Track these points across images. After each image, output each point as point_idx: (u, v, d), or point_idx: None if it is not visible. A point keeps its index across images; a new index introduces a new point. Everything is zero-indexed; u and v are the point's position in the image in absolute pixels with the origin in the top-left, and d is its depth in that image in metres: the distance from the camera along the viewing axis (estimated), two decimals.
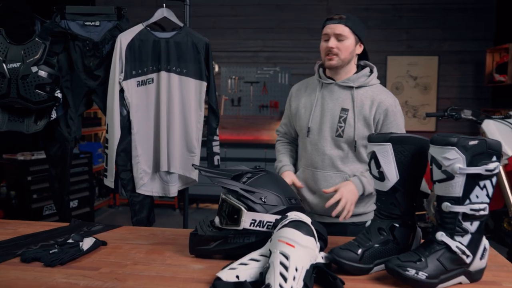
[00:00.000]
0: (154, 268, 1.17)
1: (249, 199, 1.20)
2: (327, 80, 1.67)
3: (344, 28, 1.58)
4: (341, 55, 1.60)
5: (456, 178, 1.04)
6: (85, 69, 1.91)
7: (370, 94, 1.63)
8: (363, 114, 1.61)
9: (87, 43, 1.87)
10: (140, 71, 1.90)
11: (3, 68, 1.71)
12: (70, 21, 1.89)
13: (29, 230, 1.50)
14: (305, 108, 1.70)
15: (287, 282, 0.94)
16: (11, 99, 1.75)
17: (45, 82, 1.75)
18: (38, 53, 1.74)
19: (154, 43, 1.90)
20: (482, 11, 4.83)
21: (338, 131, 1.62)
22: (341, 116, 1.62)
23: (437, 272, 1.03)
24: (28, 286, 1.05)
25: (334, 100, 1.65)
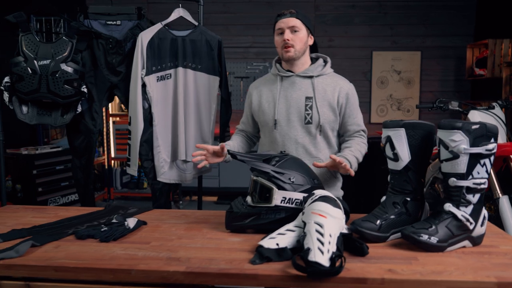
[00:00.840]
0: (198, 241, 1.32)
1: (279, 179, 1.36)
2: (286, 73, 1.79)
3: (296, 20, 1.74)
4: (296, 46, 1.73)
5: (461, 157, 1.22)
6: (108, 65, 2.02)
7: (329, 81, 1.78)
8: (327, 99, 1.75)
9: (110, 41, 1.98)
10: (159, 67, 2.03)
11: (35, 65, 1.81)
12: (92, 20, 2.00)
13: (68, 214, 1.63)
14: (268, 102, 1.80)
15: (324, 245, 1.11)
16: (41, 94, 1.85)
17: (72, 78, 1.87)
18: (66, 50, 1.85)
19: (172, 41, 2.04)
20: (462, 8, 5.10)
21: (307, 119, 1.75)
22: (306, 104, 1.75)
23: (445, 237, 1.22)
24: (92, 257, 1.19)
25: (297, 90, 1.77)
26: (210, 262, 1.15)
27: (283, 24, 1.75)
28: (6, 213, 1.65)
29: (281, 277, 1.08)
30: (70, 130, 2.08)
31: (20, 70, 1.81)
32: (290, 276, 1.07)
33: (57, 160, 3.55)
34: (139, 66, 1.96)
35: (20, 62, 1.81)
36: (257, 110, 1.85)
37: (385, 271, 1.09)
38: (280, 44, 1.76)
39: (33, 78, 1.82)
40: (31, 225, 1.48)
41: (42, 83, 1.83)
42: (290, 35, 1.73)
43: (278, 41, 1.78)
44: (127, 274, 1.12)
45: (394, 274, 1.08)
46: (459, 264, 1.14)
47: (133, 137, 2.02)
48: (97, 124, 2.06)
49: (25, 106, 1.89)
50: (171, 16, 2.07)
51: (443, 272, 1.09)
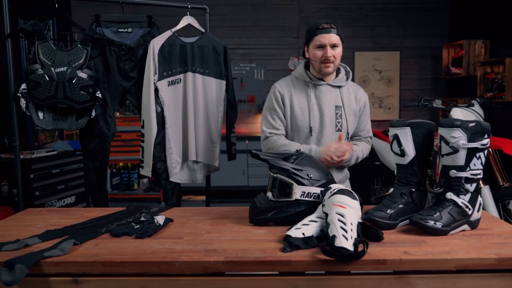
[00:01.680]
0: (227, 234, 1.44)
1: (298, 176, 1.50)
2: (318, 81, 1.89)
3: (336, 37, 1.81)
4: (336, 62, 1.85)
5: (460, 152, 1.39)
6: (120, 71, 2.10)
7: (351, 91, 1.94)
8: (352, 108, 1.91)
9: (123, 48, 2.07)
10: (170, 72, 2.12)
11: (52, 72, 1.88)
12: (104, 28, 2.08)
13: (92, 214, 1.71)
14: (301, 108, 1.87)
15: (347, 233, 1.25)
16: (58, 100, 1.92)
17: (88, 84, 1.94)
18: (82, 58, 1.93)
19: (181, 47, 2.14)
20: (438, 10, 5.37)
21: (337, 126, 1.89)
22: (337, 112, 1.89)
23: (448, 222, 1.39)
24: (134, 252, 1.29)
25: (329, 99, 1.89)
26: (245, 252, 1.27)
27: (326, 40, 1.79)
28: (32, 216, 1.72)
29: (312, 261, 1.21)
30: (83, 134, 2.15)
31: (37, 77, 1.87)
32: (320, 260, 1.21)
33: (53, 164, 3.57)
34: (151, 72, 2.05)
35: (37, 69, 1.87)
36: (288, 115, 1.90)
37: (401, 253, 1.24)
38: (320, 59, 1.82)
39: (50, 85, 1.88)
40: (61, 226, 1.56)
41: (59, 90, 1.89)
42: (331, 51, 1.80)
43: (317, 55, 1.82)
44: (171, 266, 1.22)
45: (409, 255, 1.23)
46: (462, 245, 1.30)
47: (146, 139, 2.11)
48: (111, 128, 2.13)
49: (41, 112, 1.95)
50: (180, 24, 2.17)
51: (451, 252, 1.25)
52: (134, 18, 2.12)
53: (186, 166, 2.25)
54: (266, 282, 1.24)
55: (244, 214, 1.68)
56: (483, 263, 1.21)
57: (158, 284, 1.24)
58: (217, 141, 2.28)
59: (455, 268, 1.21)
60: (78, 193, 3.88)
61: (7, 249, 1.32)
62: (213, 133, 2.26)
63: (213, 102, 2.23)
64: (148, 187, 5.36)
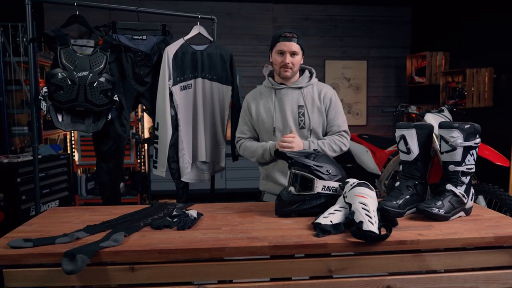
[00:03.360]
0: (260, 224, 1.60)
1: (319, 171, 1.68)
2: (279, 86, 2.09)
3: (296, 46, 2.02)
4: (294, 68, 2.04)
5: (458, 149, 1.64)
6: (135, 76, 2.20)
7: (315, 89, 2.10)
8: (316, 105, 2.08)
9: (139, 54, 2.16)
10: (182, 78, 2.25)
11: (74, 76, 1.94)
12: (120, 35, 2.17)
13: (120, 211, 1.80)
14: (266, 112, 2.07)
15: (372, 218, 1.45)
16: (79, 103, 1.98)
17: (107, 88, 2.02)
18: (102, 63, 2.01)
19: (192, 54, 2.27)
20: (400, 23, 5.81)
21: (301, 124, 2.07)
22: (299, 111, 2.07)
23: (449, 209, 1.63)
24: (183, 241, 1.41)
25: (290, 100, 2.08)
26: (283, 238, 1.43)
27: (286, 48, 2.00)
28: (61, 214, 1.78)
29: (344, 243, 1.40)
30: (98, 136, 2.21)
31: (59, 81, 1.93)
32: (351, 242, 1.40)
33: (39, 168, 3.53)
34: (167, 77, 2.16)
35: (59, 73, 1.93)
36: (256, 120, 2.10)
37: (416, 234, 1.46)
38: (279, 64, 2.03)
39: (72, 88, 1.95)
40: (96, 221, 1.64)
41: (80, 93, 1.96)
42: (290, 58, 2.01)
43: (277, 60, 2.03)
44: (221, 251, 1.37)
45: (423, 236, 1.45)
46: (463, 228, 1.54)
47: (161, 141, 2.20)
48: (126, 130, 2.21)
49: (59, 115, 2.00)
50: (191, 32, 2.31)
51: (456, 233, 1.48)
52: (149, 26, 2.22)
53: (195, 166, 2.37)
54: (304, 263, 1.41)
55: (264, 207, 1.85)
56: (483, 241, 1.45)
57: (207, 268, 1.38)
58: (223, 142, 2.42)
59: (461, 245, 1.44)
60: (61, 197, 3.84)
61: (60, 242, 1.40)
62: (219, 135, 2.40)
63: (220, 106, 2.37)
64: (125, 191, 5.35)
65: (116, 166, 2.26)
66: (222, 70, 2.36)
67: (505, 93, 3.95)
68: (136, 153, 5.28)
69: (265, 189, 2.20)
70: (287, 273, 1.40)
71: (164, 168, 2.25)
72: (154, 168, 2.28)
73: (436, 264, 1.45)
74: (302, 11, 5.71)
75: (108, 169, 2.26)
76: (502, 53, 3.96)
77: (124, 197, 5.25)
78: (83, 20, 2.07)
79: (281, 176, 2.10)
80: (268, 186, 2.17)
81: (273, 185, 2.14)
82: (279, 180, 2.11)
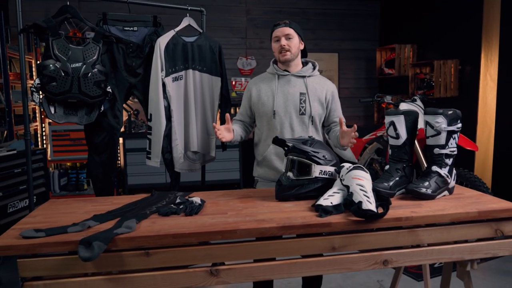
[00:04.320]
0: (263, 208, 1.67)
1: (316, 157, 1.78)
2: (283, 72, 2.16)
3: (289, 29, 2.11)
4: (291, 49, 2.11)
5: (442, 134, 1.78)
6: (127, 67, 2.20)
7: (318, 81, 2.20)
8: (317, 95, 2.16)
9: (131, 45, 2.17)
10: (173, 69, 2.27)
11: (68, 67, 1.93)
12: (110, 26, 2.16)
13: (122, 201, 1.82)
14: (267, 96, 2.14)
15: (369, 198, 1.56)
16: (72, 94, 1.97)
17: (100, 79, 2.02)
18: (95, 54, 2.00)
19: (183, 46, 2.30)
20: (369, 16, 6.01)
21: (301, 110, 2.14)
22: (301, 98, 2.14)
23: (436, 188, 1.77)
24: (195, 225, 1.46)
25: (293, 87, 2.15)
26: (289, 220, 1.52)
27: (279, 33, 2.10)
28: (62, 205, 1.78)
29: (347, 222, 1.50)
30: (90, 128, 2.20)
31: (52, 72, 1.91)
32: (353, 220, 1.50)
33: (14, 163, 3.44)
34: (159, 68, 2.18)
35: (51, 64, 1.91)
36: (256, 103, 2.16)
37: (409, 212, 1.58)
38: (278, 50, 2.12)
39: (65, 80, 1.93)
40: (101, 211, 1.66)
41: (73, 84, 1.95)
42: (285, 41, 2.09)
43: (275, 47, 2.13)
44: (233, 233, 1.43)
45: (415, 213, 1.57)
46: (449, 205, 1.68)
47: (155, 132, 2.22)
48: (120, 121, 2.21)
49: (52, 107, 1.98)
50: (181, 24, 2.33)
51: (444, 209, 1.62)
52: (140, 18, 2.22)
53: (186, 156, 2.41)
54: (310, 242, 1.50)
55: (262, 193, 1.93)
56: (468, 216, 1.59)
57: (220, 251, 1.44)
58: (213, 133, 2.47)
59: (450, 220, 1.58)
60: (38, 194, 3.76)
61: (72, 230, 1.42)
62: (209, 126, 2.45)
63: (210, 97, 2.42)
64: None
65: (110, 158, 2.26)
66: (211, 62, 2.40)
67: (469, 83, 4.21)
68: None
69: (259, 175, 2.24)
70: (294, 252, 1.49)
71: (158, 158, 2.28)
72: (148, 159, 2.30)
73: (428, 238, 1.59)
74: (275, 3, 5.79)
75: (101, 161, 2.25)
76: (466, 45, 4.21)
77: None
78: (74, 10, 2.05)
79: (277, 160, 2.15)
80: (262, 171, 2.22)
81: (267, 170, 2.19)
82: (275, 164, 2.16)
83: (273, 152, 2.17)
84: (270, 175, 2.19)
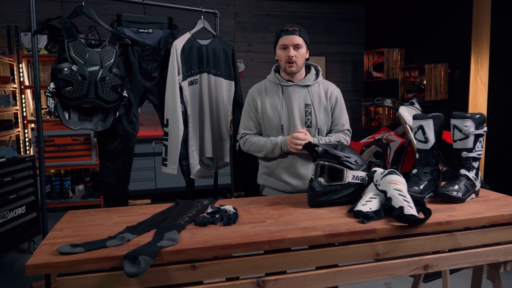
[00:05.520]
0: (299, 216, 1.63)
1: (348, 162, 1.76)
2: (287, 83, 2.04)
3: (299, 38, 1.99)
4: (298, 62, 2.01)
5: (470, 137, 1.80)
6: (142, 71, 2.11)
7: (321, 88, 2.09)
8: (322, 104, 2.08)
9: (147, 48, 2.08)
10: (189, 73, 2.20)
11: (85, 71, 1.82)
12: (125, 27, 2.07)
13: (148, 211, 1.74)
14: (272, 109, 2.04)
15: (410, 203, 1.55)
16: (89, 99, 1.87)
17: (117, 84, 1.93)
18: (112, 57, 1.91)
19: (198, 49, 2.23)
20: (355, 20, 6.09)
21: (307, 123, 2.06)
22: (306, 110, 2.05)
23: (465, 191, 1.78)
24: (239, 236, 1.41)
25: (297, 98, 2.05)
26: (333, 227, 1.49)
27: (288, 41, 1.97)
28: (87, 217, 1.68)
29: (390, 228, 1.49)
30: (103, 134, 2.09)
31: (68, 76, 1.80)
32: (396, 226, 1.49)
33: (4, 172, 3.25)
34: (176, 72, 2.10)
35: (67, 68, 1.80)
36: (261, 116, 2.06)
37: (447, 216, 1.59)
38: (284, 59, 2.00)
39: (82, 84, 1.83)
40: (129, 223, 1.58)
41: (90, 89, 1.85)
42: (293, 52, 1.97)
43: (281, 56, 2.00)
44: (280, 242, 1.39)
45: (453, 217, 1.58)
46: (481, 208, 1.70)
47: (172, 138, 2.14)
48: (136, 127, 2.12)
49: (66, 112, 1.87)
50: (196, 26, 2.26)
51: (478, 213, 1.63)
52: (155, 20, 2.14)
53: (201, 162, 2.35)
54: (355, 249, 1.48)
55: (290, 200, 1.89)
56: (504, 218, 1.62)
57: (268, 261, 1.40)
58: (227, 138, 2.41)
59: (487, 223, 1.60)
60: (28, 203, 3.57)
61: (112, 244, 1.34)
62: (224, 131, 2.39)
63: (224, 102, 2.36)
64: (86, 193, 5.09)
65: (125, 165, 2.17)
66: (225, 65, 2.35)
67: (458, 87, 4.33)
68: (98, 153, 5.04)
69: (266, 184, 2.16)
70: (340, 260, 1.47)
71: (175, 165, 2.20)
72: (164, 166, 2.21)
73: (466, 242, 1.59)
74: (263, 7, 5.78)
75: (115, 168, 2.15)
76: (455, 49, 4.33)
77: (86, 200, 5.00)
78: (90, 11, 1.95)
79: (285, 174, 2.08)
80: (270, 181, 2.14)
81: (275, 180, 2.12)
82: (282, 177, 2.09)
83: (281, 166, 2.09)
84: (278, 186, 2.10)
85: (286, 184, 2.09)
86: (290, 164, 2.07)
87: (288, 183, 2.08)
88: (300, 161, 2.06)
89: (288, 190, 2.08)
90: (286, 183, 2.08)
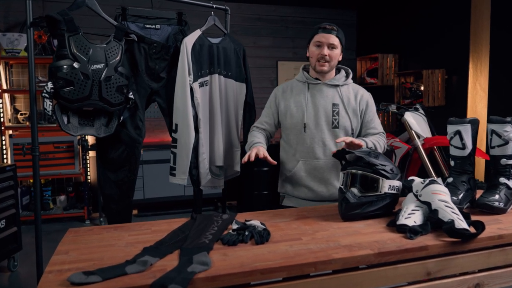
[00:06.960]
0: (336, 231, 1.46)
1: (384, 170, 1.61)
2: (314, 81, 1.98)
3: (335, 38, 1.94)
4: (331, 62, 1.96)
5: (510, 143, 1.68)
6: (149, 71, 1.91)
7: (351, 90, 2.02)
8: (351, 106, 1.99)
9: (155, 46, 1.88)
10: (200, 73, 2.01)
11: (88, 69, 1.61)
12: (130, 22, 1.86)
13: (160, 228, 1.54)
14: (297, 107, 1.96)
15: (459, 216, 1.41)
16: (92, 101, 1.65)
17: (123, 84, 1.72)
18: (118, 54, 1.70)
19: (209, 48, 2.05)
20: (346, 26, 6.01)
21: (334, 123, 1.97)
22: (333, 110, 1.96)
23: (506, 201, 1.66)
24: (278, 257, 1.23)
25: (325, 97, 1.97)
26: (380, 244, 1.32)
27: (324, 39, 1.90)
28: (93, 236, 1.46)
29: (443, 244, 1.34)
30: (105, 140, 1.87)
31: (70, 74, 1.58)
32: (448, 242, 1.35)
33: None
34: (186, 72, 1.91)
35: (68, 65, 1.58)
36: (284, 113, 1.97)
37: (496, 229, 1.45)
38: (316, 57, 1.92)
39: (84, 84, 1.61)
40: (145, 242, 1.38)
41: (93, 90, 1.63)
42: (327, 51, 1.90)
43: (314, 53, 1.93)
44: (327, 264, 1.22)
45: (503, 230, 1.45)
46: None
47: (182, 144, 1.94)
48: (142, 133, 1.90)
49: (65, 116, 1.64)
50: (207, 23, 2.08)
51: None
52: (164, 15, 1.95)
53: (210, 171, 2.15)
54: (405, 268, 1.32)
55: (317, 212, 1.72)
56: None
57: (313, 285, 1.22)
58: (237, 144, 2.23)
59: None
60: (8, 216, 3.27)
61: (133, 271, 1.14)
62: (234, 137, 2.21)
63: (234, 105, 2.18)
64: (69, 204, 4.78)
65: (129, 175, 1.94)
66: (236, 66, 2.17)
67: (456, 93, 4.28)
68: (82, 162, 4.75)
69: (287, 192, 2.06)
70: (390, 281, 1.30)
71: (185, 175, 1.99)
72: (172, 175, 2.00)
73: None
74: (254, 10, 5.63)
75: (117, 179, 1.92)
76: (452, 55, 4.29)
77: (68, 212, 4.69)
78: (93, 2, 1.74)
79: (307, 178, 1.98)
80: (290, 188, 2.04)
81: (296, 187, 2.01)
82: (304, 182, 1.98)
83: (303, 169, 1.98)
84: (299, 193, 1.99)
85: (308, 190, 1.96)
86: (313, 167, 1.95)
87: (310, 189, 1.97)
88: (325, 165, 1.95)
89: (310, 197, 1.95)
90: (308, 188, 1.97)
